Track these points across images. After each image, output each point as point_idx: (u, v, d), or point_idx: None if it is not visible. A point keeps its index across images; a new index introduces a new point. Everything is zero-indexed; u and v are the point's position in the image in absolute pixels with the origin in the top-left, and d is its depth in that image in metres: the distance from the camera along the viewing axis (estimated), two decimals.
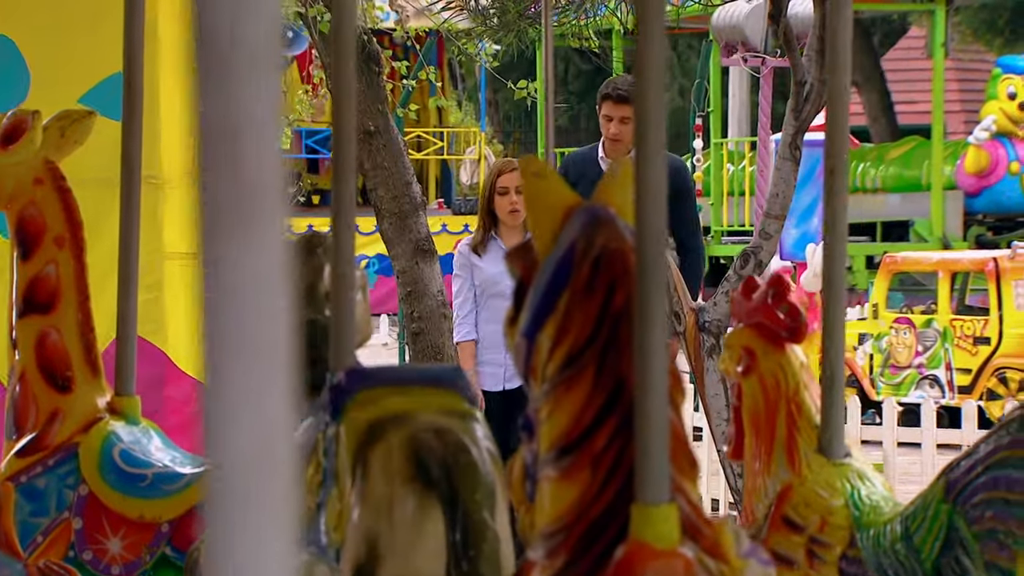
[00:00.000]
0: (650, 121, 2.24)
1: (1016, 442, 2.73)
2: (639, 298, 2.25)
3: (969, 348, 12.56)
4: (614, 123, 7.24)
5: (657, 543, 2.22)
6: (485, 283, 6.90)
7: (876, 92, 26.51)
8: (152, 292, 7.01)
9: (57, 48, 6.78)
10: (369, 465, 2.62)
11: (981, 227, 18.77)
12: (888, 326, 12.96)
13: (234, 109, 1.29)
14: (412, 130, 23.74)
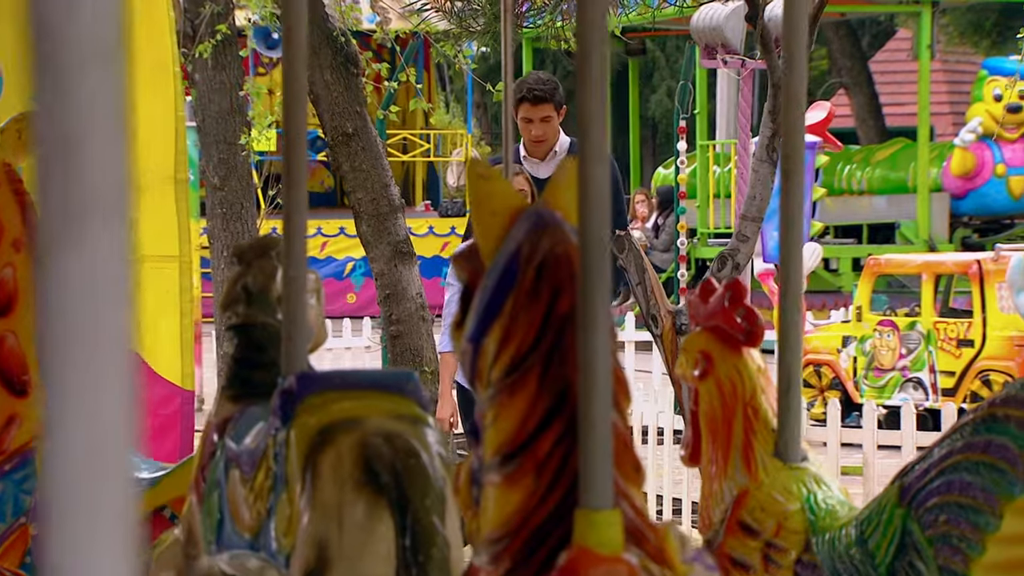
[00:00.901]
0: (592, 124, 2.23)
1: (969, 446, 2.72)
2: (582, 302, 2.24)
3: (953, 351, 12.55)
4: (535, 124, 7.11)
5: (600, 549, 2.21)
6: None
7: (864, 94, 26.53)
8: None
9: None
10: (319, 470, 2.61)
11: (967, 229, 18.78)
12: (872, 328, 12.95)
13: (71, 109, 1.25)
14: (398, 132, 23.74)
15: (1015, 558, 2.71)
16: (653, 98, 31.38)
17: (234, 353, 2.96)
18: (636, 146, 22.53)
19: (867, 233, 19.04)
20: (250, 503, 2.70)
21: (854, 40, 27.27)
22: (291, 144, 2.72)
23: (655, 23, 18.51)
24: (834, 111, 11.78)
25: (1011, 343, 12.25)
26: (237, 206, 10.02)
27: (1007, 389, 2.72)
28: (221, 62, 9.78)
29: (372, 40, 10.81)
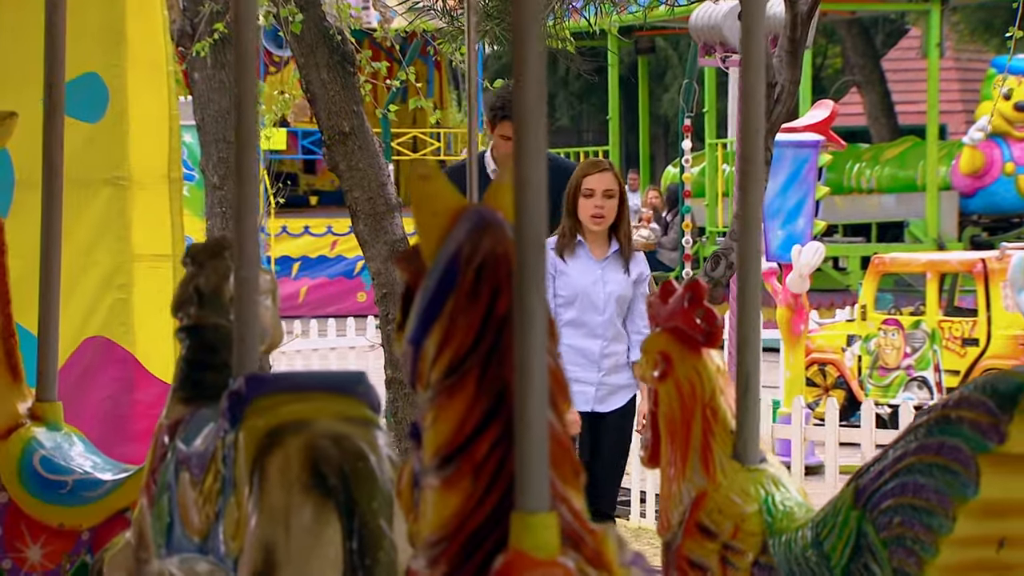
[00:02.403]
0: (530, 124, 2.21)
1: (923, 447, 2.70)
2: (518, 302, 2.22)
3: (958, 349, 12.51)
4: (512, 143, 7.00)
5: (536, 552, 2.19)
6: (573, 293, 6.39)
7: (876, 92, 26.47)
8: (122, 294, 7.00)
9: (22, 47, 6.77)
10: (266, 473, 2.59)
11: (976, 228, 18.73)
12: (876, 327, 12.91)
13: None
14: (409, 130, 23.74)
15: (968, 560, 2.69)
16: (665, 96, 31.34)
17: (185, 354, 2.95)
18: (646, 144, 22.50)
19: (876, 231, 18.99)
20: (199, 506, 2.69)
21: (867, 38, 27.20)
22: (241, 143, 2.71)
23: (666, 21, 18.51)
24: (837, 110, 11.74)
25: (1016, 342, 12.20)
26: None
27: (960, 391, 2.70)
28: (220, 61, 9.78)
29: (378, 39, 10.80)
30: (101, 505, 3.50)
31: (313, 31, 8.57)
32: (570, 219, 6.45)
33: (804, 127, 11.54)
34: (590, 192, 6.36)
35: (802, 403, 9.59)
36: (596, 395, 6.29)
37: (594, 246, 6.43)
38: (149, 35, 7.65)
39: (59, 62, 4.09)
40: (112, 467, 3.59)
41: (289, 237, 23.02)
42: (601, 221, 6.35)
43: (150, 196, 7.60)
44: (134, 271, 7.34)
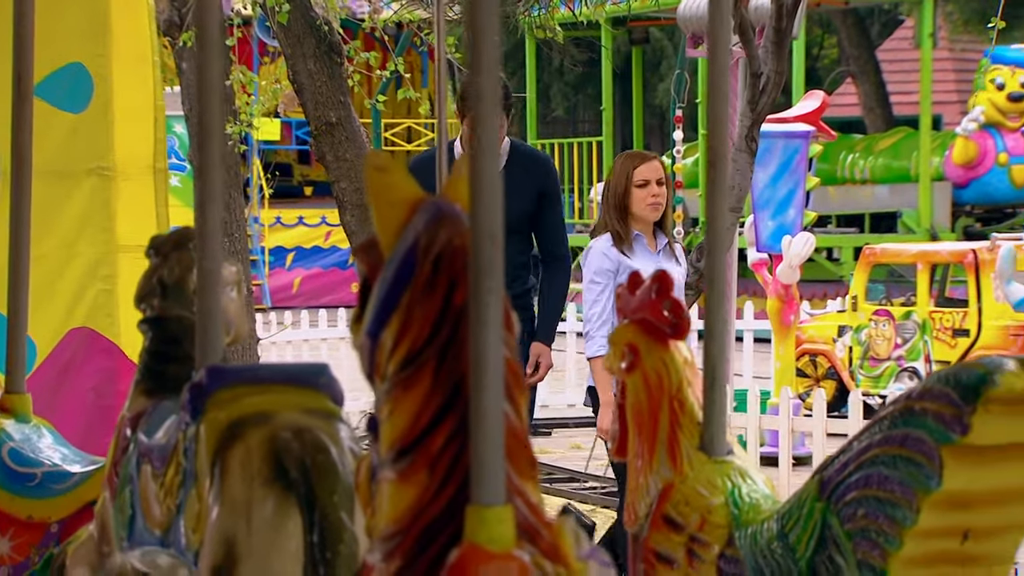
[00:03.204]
0: (484, 117, 2.20)
1: (887, 439, 2.69)
2: (473, 295, 2.21)
3: (948, 340, 12.51)
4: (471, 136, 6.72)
5: (491, 546, 2.18)
6: None
7: (871, 83, 26.43)
8: (106, 284, 6.99)
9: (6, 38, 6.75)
10: (227, 466, 2.59)
11: (969, 218, 18.72)
12: (867, 318, 12.91)
13: None
14: (403, 121, 23.71)
15: (932, 552, 2.68)
16: (660, 87, 31.31)
17: (148, 346, 2.94)
18: (640, 134, 22.47)
19: (869, 222, 18.98)
20: (161, 499, 2.68)
21: (862, 29, 27.16)
22: (204, 133, 2.70)
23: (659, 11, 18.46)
24: (828, 100, 11.73)
25: (1006, 332, 12.20)
26: (224, 196, 9.98)
27: (924, 382, 2.69)
28: None
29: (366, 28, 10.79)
30: (70, 497, 3.49)
31: (300, 22, 8.57)
32: (621, 213, 6.24)
33: (795, 117, 11.53)
34: (644, 182, 6.20)
35: (790, 394, 9.59)
36: None
37: (648, 238, 6.32)
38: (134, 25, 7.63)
39: (27, 51, 4.06)
40: (81, 459, 3.57)
41: (283, 228, 23.00)
42: (659, 208, 6.23)
43: (135, 187, 7.58)
44: (119, 262, 7.31)
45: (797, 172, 11.46)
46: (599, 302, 6.19)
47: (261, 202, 22.62)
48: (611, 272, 6.17)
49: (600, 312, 6.17)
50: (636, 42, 21.69)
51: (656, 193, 6.19)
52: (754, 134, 7.33)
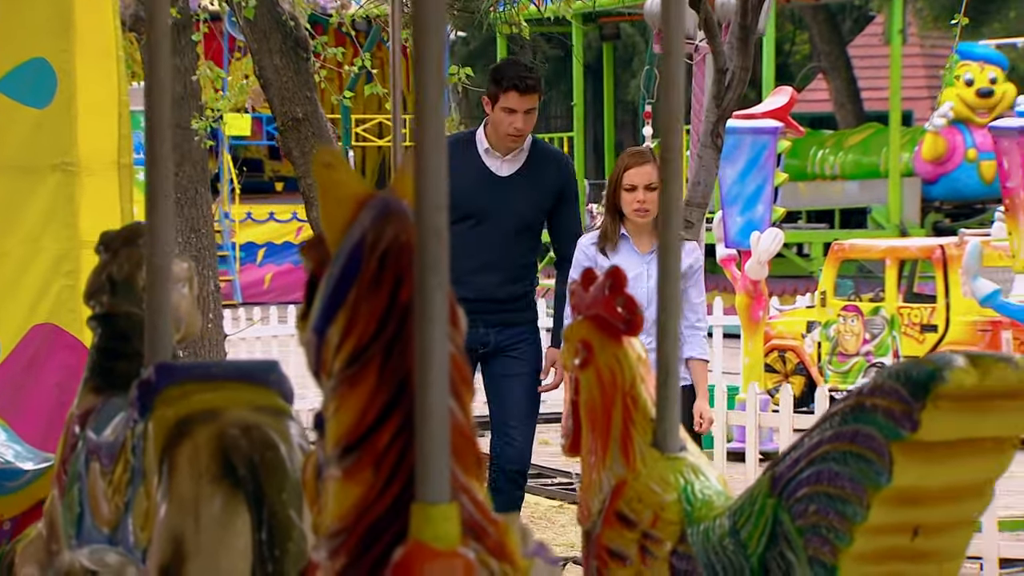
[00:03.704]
0: (430, 113, 2.19)
1: (838, 435, 2.69)
2: (418, 292, 2.20)
3: (916, 336, 12.54)
4: (519, 116, 6.33)
5: (436, 543, 2.18)
6: None
7: (842, 79, 26.49)
8: (70, 280, 6.96)
9: None
10: (175, 463, 2.57)
11: (939, 214, 18.78)
12: (836, 314, 12.93)
13: None
14: (374, 116, 23.68)
15: (882, 548, 2.68)
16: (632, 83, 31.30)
17: (97, 343, 2.92)
18: (611, 131, 22.49)
19: (839, 218, 19.03)
20: (109, 497, 2.66)
21: (833, 25, 27.22)
22: (153, 129, 2.68)
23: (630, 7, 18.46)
24: (796, 96, 11.74)
25: (974, 328, 12.24)
26: (191, 191, 9.97)
27: (875, 378, 2.69)
28: (175, 47, 9.72)
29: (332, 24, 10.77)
30: (23, 495, 3.47)
31: (266, 17, 8.55)
32: (612, 212, 6.16)
33: (763, 113, 11.54)
34: (631, 187, 6.10)
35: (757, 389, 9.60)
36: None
37: (639, 239, 6.16)
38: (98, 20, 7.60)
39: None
40: (34, 456, 3.55)
41: (254, 223, 22.94)
42: (646, 215, 6.09)
43: (99, 182, 7.56)
44: (82, 257, 7.29)
45: (765, 168, 11.47)
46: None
47: (232, 198, 22.56)
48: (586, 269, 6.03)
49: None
50: (607, 38, 21.71)
51: (642, 199, 6.06)
52: (720, 130, 7.34)
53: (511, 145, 6.42)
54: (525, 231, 6.46)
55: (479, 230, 6.36)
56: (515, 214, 6.39)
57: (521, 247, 6.47)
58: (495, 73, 6.50)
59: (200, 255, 9.90)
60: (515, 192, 6.38)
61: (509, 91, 6.36)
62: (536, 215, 6.47)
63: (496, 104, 6.40)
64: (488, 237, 6.37)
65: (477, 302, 6.15)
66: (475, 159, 6.47)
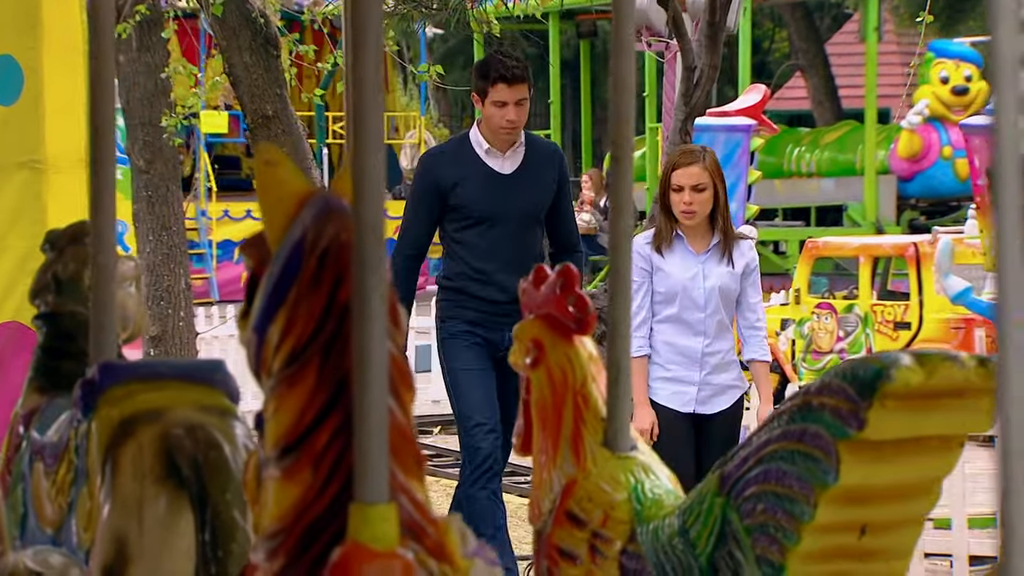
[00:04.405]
0: (367, 112, 2.18)
1: (786, 434, 2.68)
2: (357, 291, 2.19)
3: (890, 333, 12.55)
4: (511, 108, 6.24)
5: (374, 544, 2.16)
6: (671, 290, 5.92)
7: (820, 76, 26.51)
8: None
9: None
10: (119, 463, 2.56)
11: (914, 212, 18.80)
12: (810, 311, 12.94)
13: None
14: None
15: (829, 547, 2.68)
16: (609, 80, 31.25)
17: (42, 343, 2.90)
18: (588, 128, 22.48)
19: (815, 215, 19.05)
20: (52, 497, 2.64)
21: (810, 23, 27.25)
22: (97, 127, 2.66)
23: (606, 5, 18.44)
24: (769, 94, 11.74)
25: (947, 325, 12.25)
26: (163, 189, 9.94)
27: (823, 377, 2.68)
28: (146, 43, 9.69)
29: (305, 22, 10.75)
30: None
31: (235, 14, 8.52)
32: (664, 212, 5.98)
33: (736, 111, 11.53)
34: (679, 187, 5.91)
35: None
36: (699, 396, 5.90)
37: (693, 239, 5.98)
38: (65, 17, 7.56)
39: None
40: None
41: (231, 221, 22.86)
42: (692, 216, 5.91)
43: (66, 180, 7.53)
44: None
45: (739, 166, 11.46)
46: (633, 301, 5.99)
47: (209, 195, 22.50)
48: (645, 271, 5.93)
49: (635, 311, 5.88)
50: (584, 35, 21.71)
51: (688, 201, 5.88)
52: (688, 127, 7.34)
53: (507, 139, 6.35)
54: (535, 225, 6.41)
55: (493, 233, 6.32)
56: (524, 210, 6.35)
57: (534, 242, 6.44)
58: (481, 68, 6.41)
59: (171, 253, 9.87)
60: (521, 188, 6.34)
61: (497, 83, 6.27)
62: (541, 208, 6.43)
63: (486, 99, 6.32)
64: (504, 236, 6.31)
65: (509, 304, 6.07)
66: (478, 163, 6.37)
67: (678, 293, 5.90)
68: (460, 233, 6.31)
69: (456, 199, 6.27)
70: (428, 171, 6.41)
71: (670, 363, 5.92)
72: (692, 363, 5.91)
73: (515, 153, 6.38)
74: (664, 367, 5.93)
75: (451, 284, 6.37)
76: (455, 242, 6.34)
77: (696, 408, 5.90)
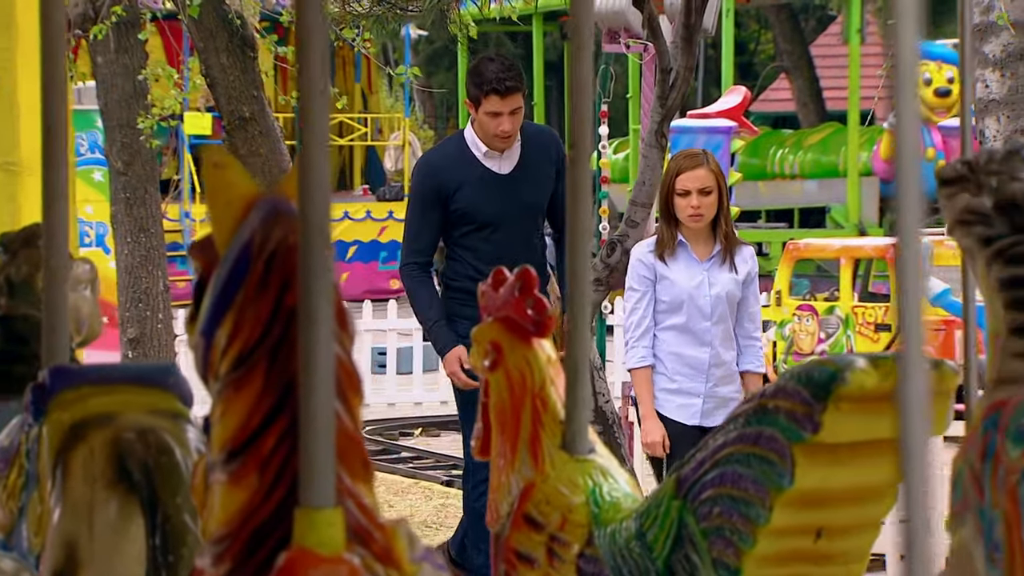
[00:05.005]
0: (314, 112, 2.17)
1: (742, 437, 2.67)
2: (302, 294, 2.17)
3: (871, 335, 12.56)
4: (504, 118, 6.14)
5: (320, 549, 2.15)
6: (677, 299, 5.82)
7: (804, 78, 26.54)
8: None
9: None
10: (70, 468, 2.54)
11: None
12: (791, 313, 12.95)
13: None
14: (335, 116, 23.62)
15: (785, 550, 2.67)
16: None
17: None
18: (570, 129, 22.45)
19: (798, 217, 19.06)
20: (3, 502, 2.63)
21: (795, 25, 27.28)
22: (50, 127, 2.64)
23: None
24: (749, 96, 11.76)
25: (928, 327, 12.26)
26: (141, 191, 9.91)
27: (778, 380, 2.67)
28: (124, 45, 9.67)
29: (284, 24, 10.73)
30: None
31: (212, 15, 8.51)
32: (667, 218, 5.87)
33: (716, 113, 11.55)
34: (685, 191, 5.80)
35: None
36: (703, 408, 5.79)
37: (696, 245, 5.87)
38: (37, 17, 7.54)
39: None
40: None
41: None
42: (700, 220, 5.80)
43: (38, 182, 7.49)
44: None
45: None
46: (637, 311, 5.87)
47: (192, 197, 22.47)
48: (648, 279, 5.85)
49: (638, 321, 5.86)
50: (567, 37, 21.68)
51: (696, 205, 5.78)
52: (664, 129, 7.33)
53: (502, 146, 6.28)
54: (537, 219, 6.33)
55: (497, 236, 6.23)
56: (526, 208, 6.27)
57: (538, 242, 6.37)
58: (474, 76, 6.28)
59: (149, 255, 9.84)
60: (521, 186, 6.27)
61: (490, 95, 6.17)
62: (542, 207, 6.34)
63: (479, 108, 6.23)
64: (508, 239, 6.21)
65: None
66: (476, 166, 6.29)
67: (684, 302, 5.79)
68: (464, 238, 6.23)
69: (457, 204, 6.19)
70: (428, 177, 6.35)
71: (676, 374, 5.79)
72: (698, 374, 5.80)
73: (512, 152, 6.31)
74: (670, 378, 5.80)
75: (456, 284, 6.29)
76: (459, 246, 6.26)
77: (701, 421, 5.78)
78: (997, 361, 2.52)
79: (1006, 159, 2.61)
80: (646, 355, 5.80)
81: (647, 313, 5.81)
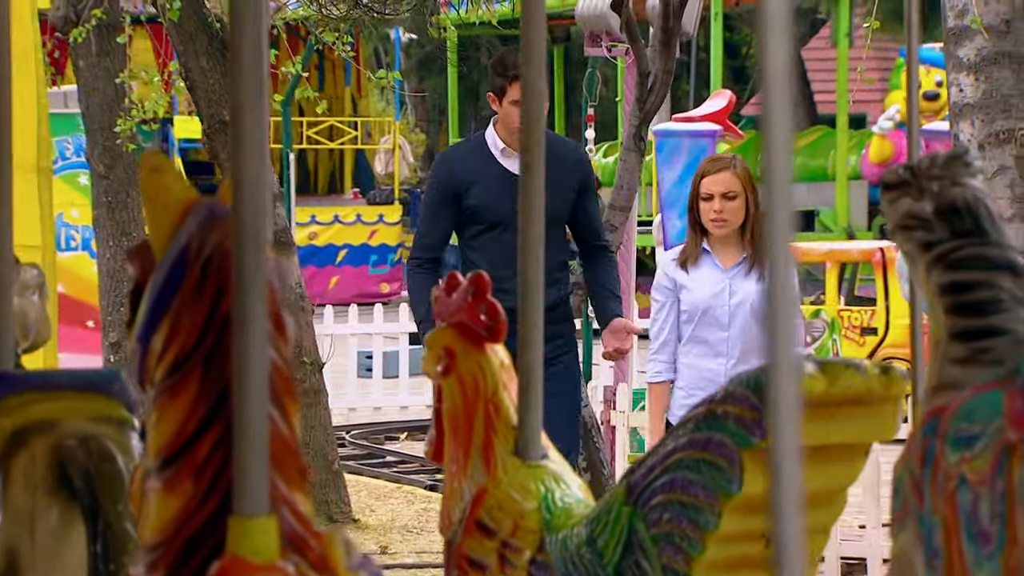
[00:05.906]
0: (245, 113, 2.14)
1: (692, 443, 2.65)
2: (236, 299, 2.15)
3: (857, 339, 12.55)
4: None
5: (254, 557, 2.12)
6: (694, 307, 5.63)
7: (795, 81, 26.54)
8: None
9: None
10: (11, 475, 2.52)
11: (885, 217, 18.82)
12: None
13: None
14: (326, 119, 23.60)
15: (734, 556, 2.65)
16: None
17: None
18: (562, 133, 22.47)
19: None
20: None
21: None
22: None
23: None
24: (734, 99, 11.72)
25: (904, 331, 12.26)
26: (123, 195, 9.89)
27: (728, 386, 2.66)
28: (105, 48, 9.66)
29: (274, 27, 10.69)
30: None
31: (192, 19, 8.49)
32: (693, 225, 5.69)
33: (701, 117, 11.51)
34: (708, 195, 5.63)
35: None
36: None
37: (722, 253, 5.64)
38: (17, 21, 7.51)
39: None
40: None
41: None
42: (724, 225, 5.59)
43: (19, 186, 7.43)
44: None
45: None
46: (656, 322, 5.71)
47: None
48: (668, 289, 5.67)
49: (656, 333, 5.69)
50: (557, 40, 21.70)
51: (719, 209, 5.58)
52: (643, 133, 7.32)
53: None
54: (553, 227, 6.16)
55: (507, 236, 5.91)
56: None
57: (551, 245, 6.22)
58: (498, 66, 6.08)
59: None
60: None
61: (516, 82, 5.86)
62: (560, 208, 6.04)
63: (504, 98, 6.02)
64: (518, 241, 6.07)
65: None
66: (493, 165, 6.11)
67: (700, 311, 5.61)
68: (475, 239, 6.10)
69: (469, 200, 6.07)
70: (444, 172, 6.24)
71: (694, 388, 5.56)
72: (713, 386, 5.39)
73: None
74: (687, 392, 5.61)
75: None
76: (470, 248, 6.13)
77: None
78: (937, 367, 2.51)
79: (948, 164, 2.60)
80: (662, 369, 5.66)
81: (666, 325, 5.64)
